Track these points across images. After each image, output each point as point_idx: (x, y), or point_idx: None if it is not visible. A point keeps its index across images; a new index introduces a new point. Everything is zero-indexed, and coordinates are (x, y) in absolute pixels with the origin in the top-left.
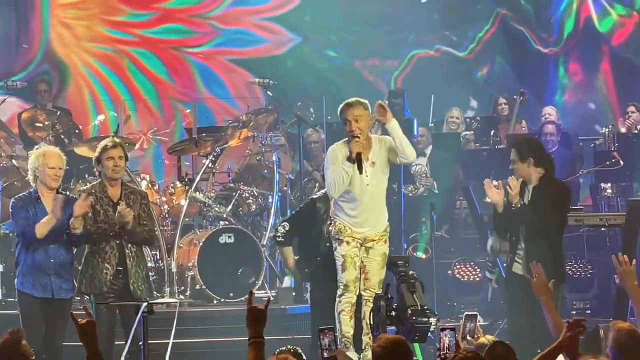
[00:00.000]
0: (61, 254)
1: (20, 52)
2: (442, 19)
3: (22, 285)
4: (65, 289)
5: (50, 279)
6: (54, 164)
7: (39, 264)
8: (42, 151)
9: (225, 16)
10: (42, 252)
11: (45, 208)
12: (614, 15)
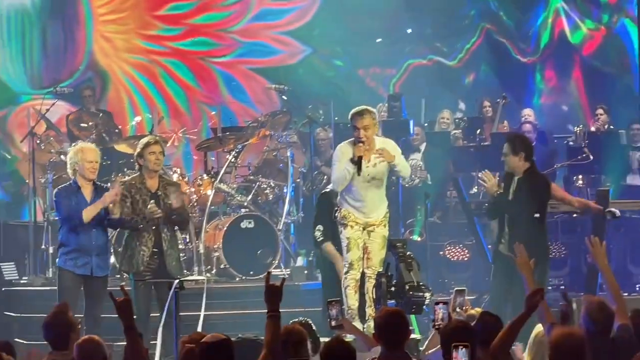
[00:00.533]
0: (100, 236)
1: (68, 62)
2: (434, 32)
3: (65, 264)
4: (102, 267)
5: (91, 258)
6: (91, 159)
7: (82, 245)
8: (80, 147)
9: (245, 30)
10: (85, 235)
11: (85, 197)
12: (584, 29)
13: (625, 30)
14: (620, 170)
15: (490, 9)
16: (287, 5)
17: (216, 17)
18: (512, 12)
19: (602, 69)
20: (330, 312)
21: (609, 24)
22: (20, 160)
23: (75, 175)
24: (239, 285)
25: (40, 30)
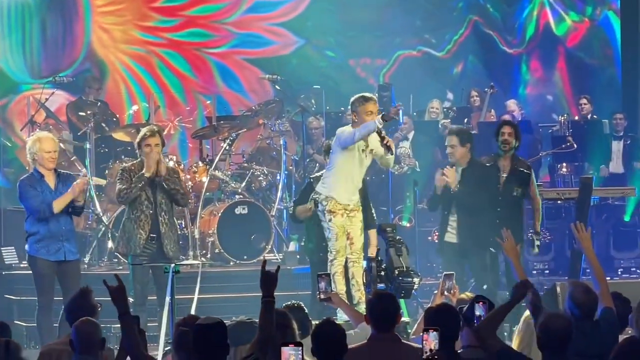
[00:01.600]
0: (69, 222)
1: (66, 52)
2: (423, 24)
3: (38, 252)
4: (73, 252)
5: (63, 244)
6: (49, 148)
7: (53, 233)
8: (38, 137)
9: (239, 22)
10: (54, 222)
11: (49, 185)
12: (569, 21)
13: (608, 23)
14: (602, 159)
15: (477, 2)
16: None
17: (211, 9)
18: (498, 5)
19: (585, 61)
20: (319, 284)
21: (593, 16)
22: (20, 148)
23: (35, 165)
24: (233, 270)
25: (39, 22)
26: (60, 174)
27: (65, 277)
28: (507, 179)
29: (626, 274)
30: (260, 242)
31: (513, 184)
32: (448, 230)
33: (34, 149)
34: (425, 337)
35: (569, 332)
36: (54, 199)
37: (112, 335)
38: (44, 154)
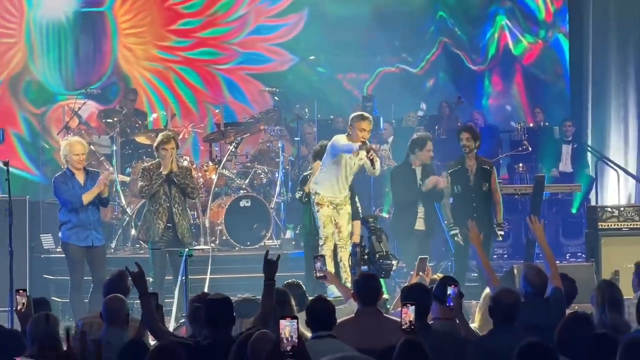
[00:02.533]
0: (96, 213)
1: (96, 68)
2: (401, 44)
3: (69, 239)
4: (100, 238)
5: (91, 232)
6: (77, 152)
7: (82, 222)
8: (69, 141)
9: (243, 42)
10: (84, 213)
11: (79, 181)
12: (525, 42)
13: (558, 44)
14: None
15: (447, 26)
16: (278, 22)
17: (219, 31)
18: (465, 28)
19: (539, 76)
20: (315, 264)
21: (545, 38)
22: (56, 150)
23: (68, 165)
24: (238, 254)
25: (73, 42)
26: (89, 171)
27: (93, 260)
28: (475, 175)
29: (573, 258)
30: (261, 230)
31: (481, 180)
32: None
33: (65, 151)
34: (405, 310)
35: (516, 305)
36: (84, 193)
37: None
38: (73, 156)
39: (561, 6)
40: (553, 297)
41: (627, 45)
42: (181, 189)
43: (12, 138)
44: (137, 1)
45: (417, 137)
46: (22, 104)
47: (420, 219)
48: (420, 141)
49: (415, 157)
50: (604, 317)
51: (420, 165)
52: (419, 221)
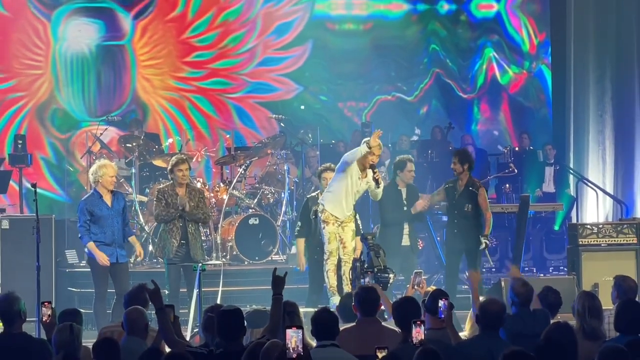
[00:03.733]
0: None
1: (117, 97)
2: (397, 75)
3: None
4: (123, 255)
5: (115, 249)
6: (112, 173)
7: (107, 240)
8: (104, 163)
9: (252, 73)
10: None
11: (107, 203)
12: (511, 72)
13: (542, 74)
14: (537, 181)
15: (439, 58)
16: (284, 54)
17: (230, 62)
18: (455, 60)
19: (524, 103)
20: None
21: (530, 69)
22: (80, 172)
23: (97, 186)
24: (247, 268)
25: (95, 73)
26: (116, 192)
27: (117, 275)
28: (460, 195)
29: (556, 271)
30: (269, 246)
31: (465, 200)
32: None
33: (100, 173)
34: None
35: (500, 313)
36: (110, 214)
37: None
38: (108, 178)
39: (544, 39)
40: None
41: (604, 77)
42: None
43: (40, 161)
44: (154, 35)
45: (398, 159)
46: (49, 130)
47: (405, 235)
48: (400, 163)
49: (399, 178)
50: (585, 325)
51: (405, 185)
52: (404, 237)
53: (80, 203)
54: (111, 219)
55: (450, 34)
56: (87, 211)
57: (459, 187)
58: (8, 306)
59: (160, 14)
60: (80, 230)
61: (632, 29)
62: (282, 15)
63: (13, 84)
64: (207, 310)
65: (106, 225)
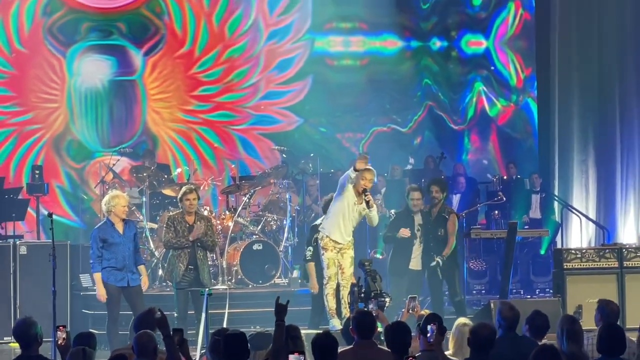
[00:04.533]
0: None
1: (128, 129)
2: (392, 107)
3: (108, 279)
4: (134, 279)
5: (126, 274)
6: (124, 203)
7: (118, 265)
8: (116, 194)
9: (256, 106)
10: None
11: (118, 231)
12: (499, 105)
13: (528, 107)
14: (524, 208)
15: (432, 91)
16: (286, 88)
17: (235, 96)
18: (447, 94)
19: (511, 134)
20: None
21: (517, 102)
22: (94, 200)
23: (109, 215)
24: (251, 291)
25: (108, 106)
26: (127, 221)
27: (131, 297)
28: (434, 220)
29: (542, 293)
30: (272, 270)
31: (438, 226)
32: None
33: (112, 203)
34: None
35: (492, 337)
36: (122, 241)
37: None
38: (120, 207)
39: (530, 74)
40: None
41: (587, 109)
42: (203, 249)
43: (56, 190)
44: (163, 70)
45: (407, 187)
46: (64, 160)
47: (414, 259)
48: (406, 192)
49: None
50: (563, 348)
51: (418, 211)
52: (412, 261)
53: (93, 231)
54: (123, 246)
55: (442, 69)
56: (100, 239)
57: (433, 213)
58: (25, 330)
59: (169, 51)
60: (91, 257)
61: (613, 65)
62: (284, 52)
63: (30, 116)
64: (213, 333)
65: (118, 251)
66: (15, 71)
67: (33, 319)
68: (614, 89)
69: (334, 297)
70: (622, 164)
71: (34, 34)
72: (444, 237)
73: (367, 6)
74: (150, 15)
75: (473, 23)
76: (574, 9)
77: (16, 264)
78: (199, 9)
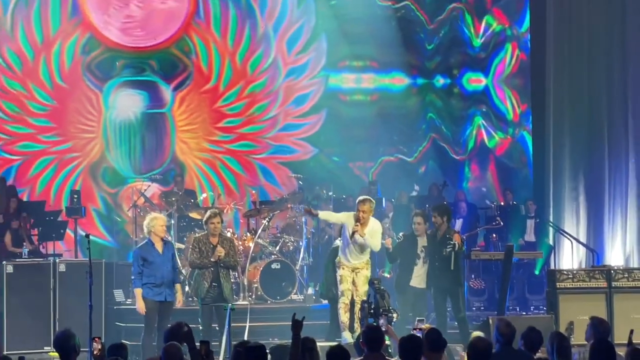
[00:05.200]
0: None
1: (158, 157)
2: (399, 139)
3: (147, 294)
4: (170, 294)
5: (164, 290)
6: (162, 223)
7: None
8: (155, 216)
9: (275, 137)
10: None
11: (158, 250)
12: (497, 137)
13: (523, 139)
14: (520, 232)
15: (435, 125)
16: (302, 121)
17: (256, 128)
18: (449, 127)
19: (508, 164)
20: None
21: (513, 134)
22: (127, 223)
23: (150, 235)
24: (270, 306)
25: (140, 136)
26: (166, 240)
27: (162, 312)
28: (439, 242)
29: (536, 310)
30: (289, 287)
31: (442, 246)
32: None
33: (152, 224)
34: None
35: (489, 350)
36: (161, 259)
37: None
38: (159, 227)
39: (526, 109)
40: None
41: (578, 142)
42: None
43: (92, 212)
44: (190, 104)
45: (412, 213)
46: (100, 185)
47: (416, 278)
48: (411, 216)
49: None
50: None
51: (421, 234)
52: (414, 279)
53: (135, 251)
54: (161, 264)
55: (445, 104)
56: (141, 257)
57: (438, 235)
58: (65, 341)
59: (196, 86)
60: (133, 274)
61: (601, 102)
62: (301, 87)
63: (69, 145)
64: (236, 345)
65: (157, 269)
66: (56, 104)
67: (72, 331)
68: (603, 124)
69: (346, 311)
70: (609, 192)
71: (74, 71)
72: (448, 257)
73: (377, 46)
74: (179, 54)
75: (473, 62)
76: (566, 51)
77: (56, 280)
78: (224, 48)
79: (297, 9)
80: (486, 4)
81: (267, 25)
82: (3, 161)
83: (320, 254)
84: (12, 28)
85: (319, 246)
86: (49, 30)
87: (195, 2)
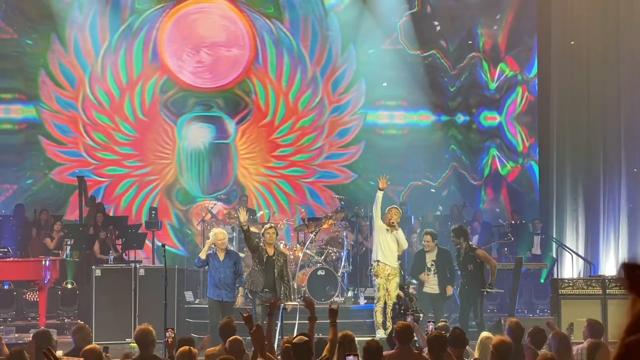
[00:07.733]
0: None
1: (223, 180)
2: (425, 166)
3: (210, 294)
4: (230, 295)
5: (222, 291)
6: (221, 238)
7: (216, 283)
8: (216, 230)
9: (321, 164)
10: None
11: (220, 258)
12: (509, 166)
13: (532, 168)
14: (528, 246)
15: (456, 155)
16: (344, 151)
17: (305, 156)
18: (468, 157)
19: (518, 189)
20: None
21: (523, 164)
22: (196, 235)
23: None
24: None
25: (208, 162)
26: (229, 250)
27: (224, 310)
28: (463, 258)
29: (541, 313)
30: (332, 290)
31: (466, 262)
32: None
33: (214, 238)
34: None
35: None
36: (220, 266)
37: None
38: (219, 240)
39: (533, 143)
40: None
41: (578, 170)
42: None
43: (167, 226)
44: (250, 136)
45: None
46: (174, 203)
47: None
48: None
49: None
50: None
51: (433, 250)
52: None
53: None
54: (220, 270)
55: (465, 138)
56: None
57: (461, 253)
58: (144, 336)
59: (255, 121)
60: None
61: (598, 137)
62: (343, 122)
63: (148, 170)
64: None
65: (215, 273)
66: (138, 135)
67: (150, 327)
68: (598, 156)
69: (381, 313)
70: (604, 212)
71: (153, 107)
72: (473, 272)
73: (408, 89)
74: (241, 94)
75: (489, 102)
76: (568, 92)
77: (136, 282)
78: (279, 89)
79: (340, 57)
80: (500, 53)
81: (316, 70)
82: (93, 182)
83: (359, 263)
84: (102, 70)
85: (357, 256)
86: (133, 72)
87: (255, 51)
